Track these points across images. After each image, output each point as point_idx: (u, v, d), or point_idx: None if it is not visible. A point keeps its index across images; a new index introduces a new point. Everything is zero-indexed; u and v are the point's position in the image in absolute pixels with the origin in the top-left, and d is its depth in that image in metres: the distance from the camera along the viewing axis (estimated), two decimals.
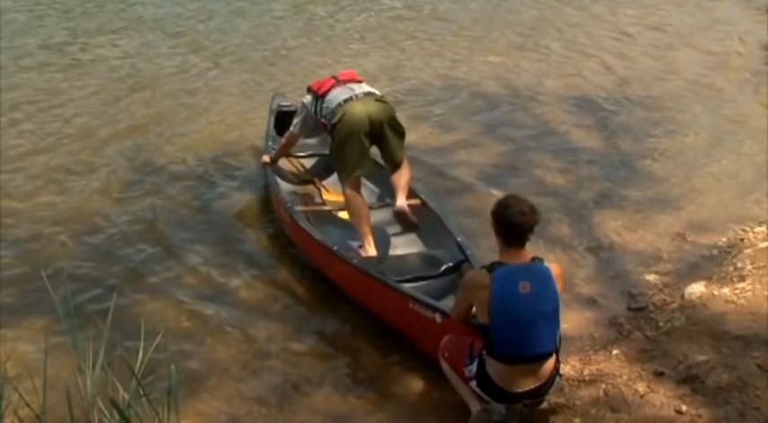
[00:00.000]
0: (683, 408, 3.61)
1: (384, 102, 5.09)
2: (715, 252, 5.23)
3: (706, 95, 7.96)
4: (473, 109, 7.63)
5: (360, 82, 5.25)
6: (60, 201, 5.94)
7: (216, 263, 5.20)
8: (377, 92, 5.17)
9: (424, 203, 5.17)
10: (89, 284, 4.91)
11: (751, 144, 6.83)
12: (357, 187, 5.01)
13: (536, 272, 3.50)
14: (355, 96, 5.02)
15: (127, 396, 3.02)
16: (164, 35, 9.39)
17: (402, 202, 4.93)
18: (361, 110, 4.94)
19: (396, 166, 5.09)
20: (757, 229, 5.40)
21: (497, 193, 5.41)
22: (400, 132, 5.10)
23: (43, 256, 5.20)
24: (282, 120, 6.09)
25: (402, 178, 5.05)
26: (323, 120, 5.15)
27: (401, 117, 5.23)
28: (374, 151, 5.17)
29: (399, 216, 4.94)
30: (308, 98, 5.32)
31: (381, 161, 5.27)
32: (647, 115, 7.55)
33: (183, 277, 5.06)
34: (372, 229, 4.92)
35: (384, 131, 5.01)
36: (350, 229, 5.11)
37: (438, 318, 3.96)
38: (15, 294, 4.80)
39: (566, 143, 6.98)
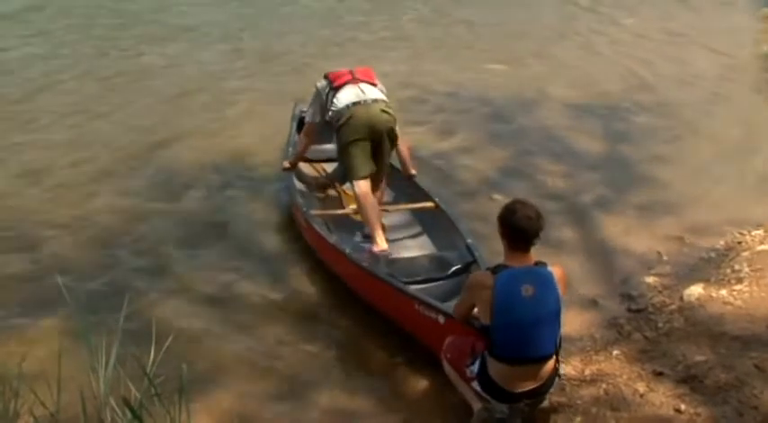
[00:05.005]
0: (682, 407, 3.66)
1: (388, 113, 5.17)
2: (713, 255, 5.30)
3: (706, 101, 8.05)
4: (479, 114, 7.73)
5: (374, 84, 5.29)
6: (77, 204, 5.98)
7: (229, 266, 5.25)
8: (385, 98, 5.23)
9: (437, 206, 5.26)
10: (102, 286, 4.96)
11: (749, 149, 6.90)
12: (366, 185, 5.10)
13: (539, 275, 3.55)
14: (363, 102, 5.09)
15: (139, 395, 3.07)
16: (205, 44, 9.54)
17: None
18: (364, 117, 5.05)
19: (378, 172, 5.24)
20: (755, 233, 5.47)
21: (500, 198, 5.50)
22: (394, 141, 5.25)
23: (58, 258, 5.25)
24: (304, 126, 6.13)
25: (377, 193, 5.27)
26: (330, 112, 5.21)
27: (408, 122, 5.31)
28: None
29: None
30: (322, 83, 5.34)
31: (395, 164, 5.46)
32: (647, 121, 7.63)
33: (195, 279, 5.10)
34: (382, 224, 5.05)
35: (382, 142, 5.16)
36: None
37: (441, 319, 4.03)
38: (30, 296, 4.84)
39: (567, 148, 7.05)
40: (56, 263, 5.11)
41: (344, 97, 5.14)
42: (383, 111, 5.13)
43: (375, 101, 5.14)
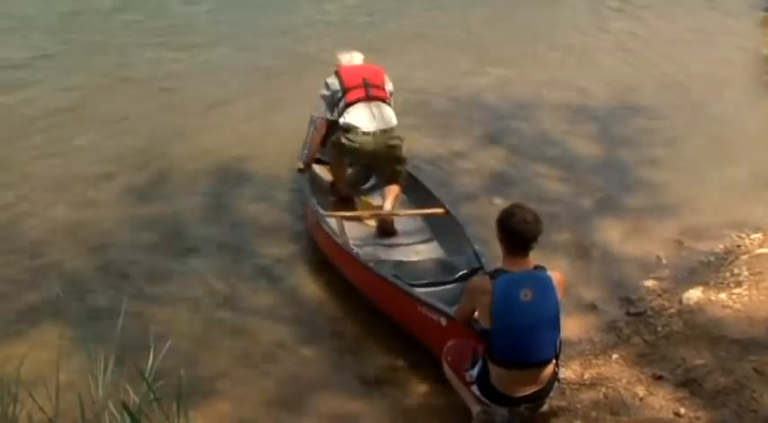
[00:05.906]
0: (682, 410, 3.67)
1: (395, 145, 5.32)
2: (712, 258, 5.31)
3: (705, 104, 8.05)
4: (477, 118, 7.72)
5: (384, 98, 5.33)
6: (75, 209, 5.98)
7: (229, 269, 5.24)
8: (394, 121, 5.30)
9: (447, 212, 5.30)
10: (101, 291, 4.95)
11: (747, 152, 6.91)
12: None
13: (538, 280, 3.56)
14: (373, 133, 5.21)
15: (138, 400, 3.08)
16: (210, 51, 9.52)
17: (389, 207, 5.39)
18: (371, 148, 5.24)
19: (392, 180, 5.44)
20: (753, 236, 5.48)
21: (499, 202, 5.51)
22: (403, 161, 5.45)
23: (57, 263, 5.24)
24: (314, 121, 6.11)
25: (393, 191, 5.44)
26: (337, 120, 5.29)
27: (407, 126, 5.41)
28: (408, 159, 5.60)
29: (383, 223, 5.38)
30: (334, 84, 5.34)
31: (410, 170, 5.64)
32: (645, 124, 7.64)
33: (194, 283, 5.10)
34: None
35: (388, 160, 5.39)
36: (379, 235, 5.39)
37: (443, 321, 4.05)
38: (29, 301, 4.84)
39: (566, 152, 7.06)
40: (55, 268, 5.11)
41: (355, 119, 5.22)
42: (390, 145, 5.29)
43: (384, 131, 5.24)
